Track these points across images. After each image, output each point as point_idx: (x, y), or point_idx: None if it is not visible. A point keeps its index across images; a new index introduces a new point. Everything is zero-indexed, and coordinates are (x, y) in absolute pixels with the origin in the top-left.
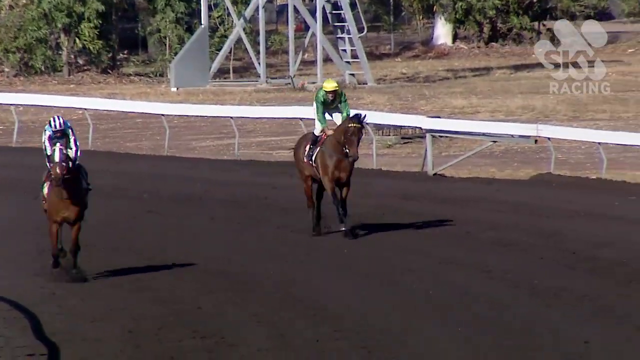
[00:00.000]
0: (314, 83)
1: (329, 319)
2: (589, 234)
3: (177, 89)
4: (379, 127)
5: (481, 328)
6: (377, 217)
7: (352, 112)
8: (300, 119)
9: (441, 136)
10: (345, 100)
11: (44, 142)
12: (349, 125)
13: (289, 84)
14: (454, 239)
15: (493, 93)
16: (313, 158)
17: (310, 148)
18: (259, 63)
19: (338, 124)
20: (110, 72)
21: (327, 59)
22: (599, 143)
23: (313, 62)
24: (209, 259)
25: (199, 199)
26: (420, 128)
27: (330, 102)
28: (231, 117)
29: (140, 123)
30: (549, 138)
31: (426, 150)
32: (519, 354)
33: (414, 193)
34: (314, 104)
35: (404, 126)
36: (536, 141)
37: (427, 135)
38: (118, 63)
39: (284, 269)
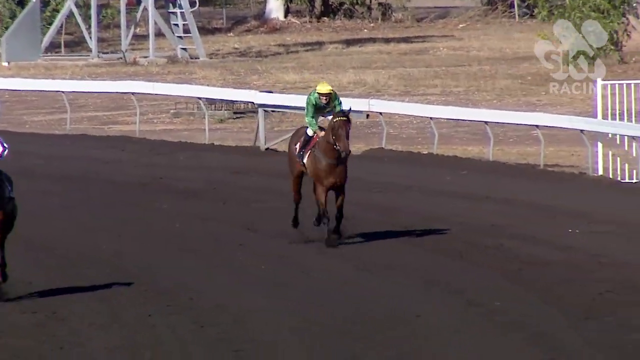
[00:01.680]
0: (146, 57)
1: (161, 294)
2: (422, 208)
3: (9, 63)
4: (211, 102)
5: (314, 303)
6: (209, 192)
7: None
8: (133, 93)
9: (273, 111)
10: (340, 103)
11: None
12: (334, 120)
13: (121, 58)
14: (285, 213)
15: (325, 68)
16: (304, 160)
17: (302, 147)
18: (91, 37)
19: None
20: None
21: (159, 34)
22: (431, 118)
23: (145, 37)
24: (41, 234)
25: (31, 173)
26: (253, 103)
27: (323, 107)
28: (63, 92)
29: None
30: (380, 113)
31: (258, 125)
32: (351, 328)
33: (246, 167)
34: (305, 105)
35: (236, 101)
36: (368, 116)
37: (259, 110)
38: None
39: (115, 245)
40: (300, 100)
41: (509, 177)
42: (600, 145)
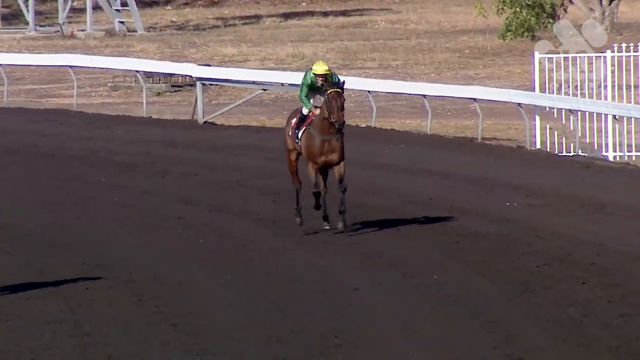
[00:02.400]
0: (83, 31)
1: (99, 268)
2: (359, 182)
3: None
4: (149, 75)
5: (252, 276)
6: (147, 165)
7: None
8: (70, 66)
9: (211, 84)
10: (337, 82)
11: None
12: (328, 92)
13: (59, 31)
14: (224, 186)
15: (263, 41)
16: (299, 137)
17: (297, 126)
18: (28, 10)
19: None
20: None
21: (96, 7)
22: (369, 91)
23: (83, 10)
24: None
25: None
26: (191, 76)
27: (318, 87)
28: (0, 65)
29: None
30: None
31: (196, 99)
32: (288, 302)
33: (184, 141)
34: (300, 85)
35: (174, 74)
36: None
37: (197, 83)
38: None
39: (54, 218)
40: (239, 74)
41: (447, 151)
42: (537, 118)
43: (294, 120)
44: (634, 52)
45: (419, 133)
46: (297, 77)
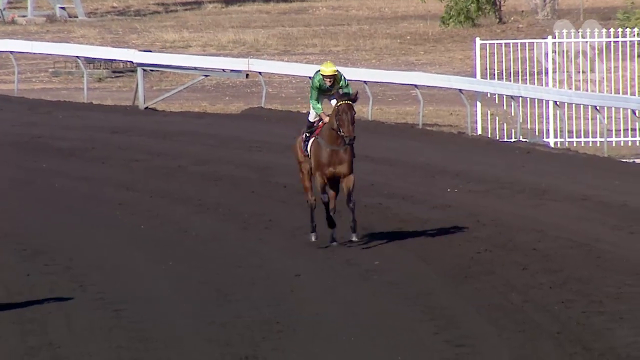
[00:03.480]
0: (24, 16)
1: (40, 254)
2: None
3: None
4: (90, 61)
5: (194, 262)
6: (88, 151)
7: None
8: (11, 52)
9: (152, 70)
10: (347, 85)
11: None
12: (338, 104)
13: None
14: (166, 172)
15: (204, 27)
16: (308, 149)
17: (306, 136)
18: None
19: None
20: None
21: None
22: (310, 77)
23: None
24: None
25: None
26: (132, 62)
27: (327, 89)
28: None
29: None
30: (260, 72)
31: (137, 84)
32: (230, 288)
33: (125, 127)
34: (310, 89)
35: (115, 60)
36: (247, 75)
37: (139, 69)
38: None
39: None
40: (181, 60)
41: (388, 137)
42: (479, 104)
43: (303, 135)
44: (575, 38)
45: (360, 119)
46: (238, 64)
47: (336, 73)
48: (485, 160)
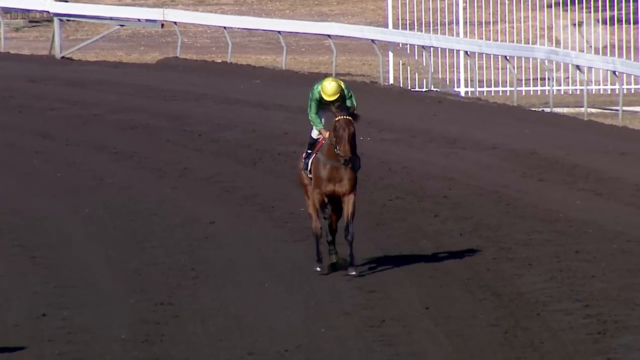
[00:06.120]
0: None
1: None
2: (215, 116)
3: None
4: (6, 11)
5: (109, 210)
6: (5, 100)
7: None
8: None
9: (69, 20)
10: (351, 97)
11: None
12: (337, 119)
13: None
14: (82, 121)
15: None
16: (309, 167)
17: (307, 154)
18: None
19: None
20: None
21: None
22: (225, 27)
23: None
24: None
25: None
26: (48, 12)
27: (329, 102)
28: None
29: None
30: (175, 22)
31: (54, 34)
32: (145, 235)
33: (41, 76)
34: (309, 101)
35: (32, 10)
36: (163, 25)
37: (55, 19)
38: None
39: None
40: (97, 10)
41: (301, 86)
42: (391, 54)
43: (303, 154)
44: None
45: (274, 68)
46: (153, 14)
47: (339, 94)
48: (397, 109)
